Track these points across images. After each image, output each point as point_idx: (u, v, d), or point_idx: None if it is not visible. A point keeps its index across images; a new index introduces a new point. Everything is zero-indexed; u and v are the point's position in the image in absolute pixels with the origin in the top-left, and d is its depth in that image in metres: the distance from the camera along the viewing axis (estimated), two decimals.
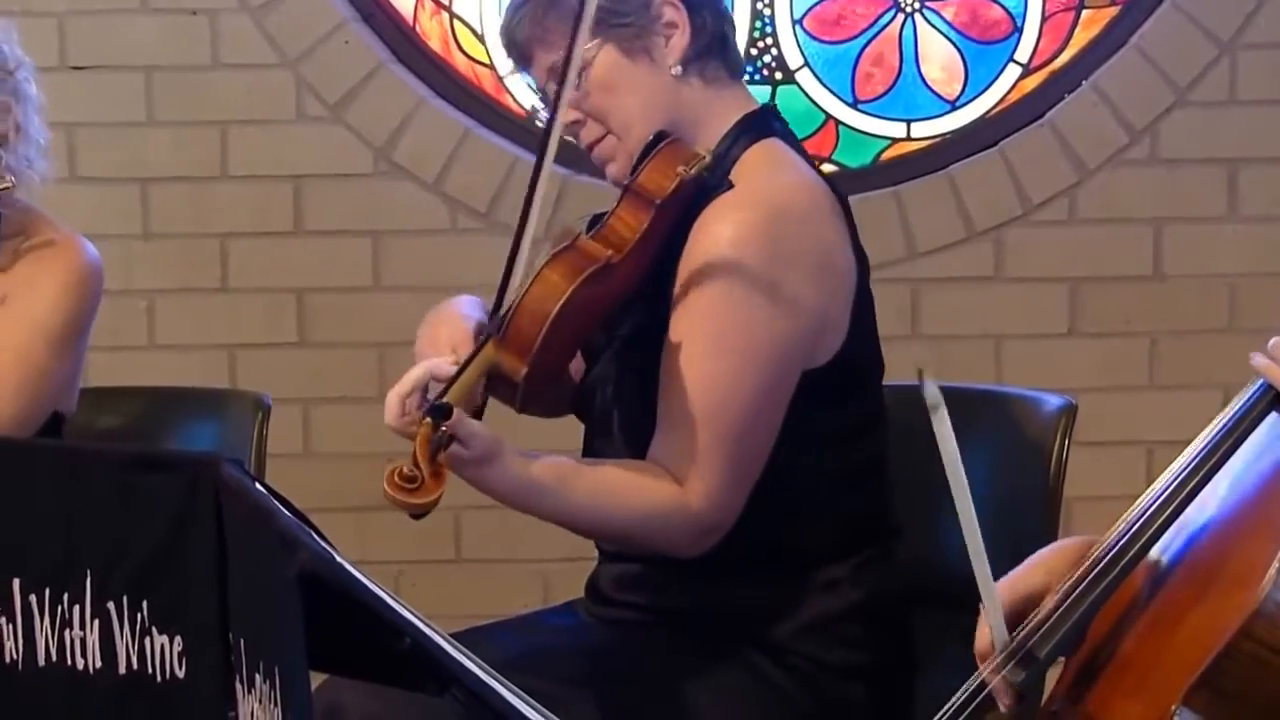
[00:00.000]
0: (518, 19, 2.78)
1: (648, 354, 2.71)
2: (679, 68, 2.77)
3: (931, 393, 2.12)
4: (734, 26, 2.87)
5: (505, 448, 2.52)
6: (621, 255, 2.59)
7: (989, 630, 2.28)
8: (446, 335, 2.60)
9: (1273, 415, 2.20)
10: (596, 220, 2.69)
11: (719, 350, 2.66)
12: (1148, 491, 2.20)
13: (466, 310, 2.64)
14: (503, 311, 2.53)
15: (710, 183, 2.68)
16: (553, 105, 2.60)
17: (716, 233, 2.67)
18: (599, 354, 2.66)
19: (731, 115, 2.81)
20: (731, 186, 2.70)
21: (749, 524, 2.69)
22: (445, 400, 2.42)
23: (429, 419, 2.40)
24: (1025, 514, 2.87)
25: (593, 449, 2.84)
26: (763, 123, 2.83)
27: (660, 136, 2.70)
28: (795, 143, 2.87)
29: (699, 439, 2.63)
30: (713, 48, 2.81)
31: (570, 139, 2.76)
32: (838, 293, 2.76)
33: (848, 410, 2.80)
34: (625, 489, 2.63)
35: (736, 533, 2.68)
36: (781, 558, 2.76)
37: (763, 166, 2.76)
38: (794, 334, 2.70)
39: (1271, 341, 2.13)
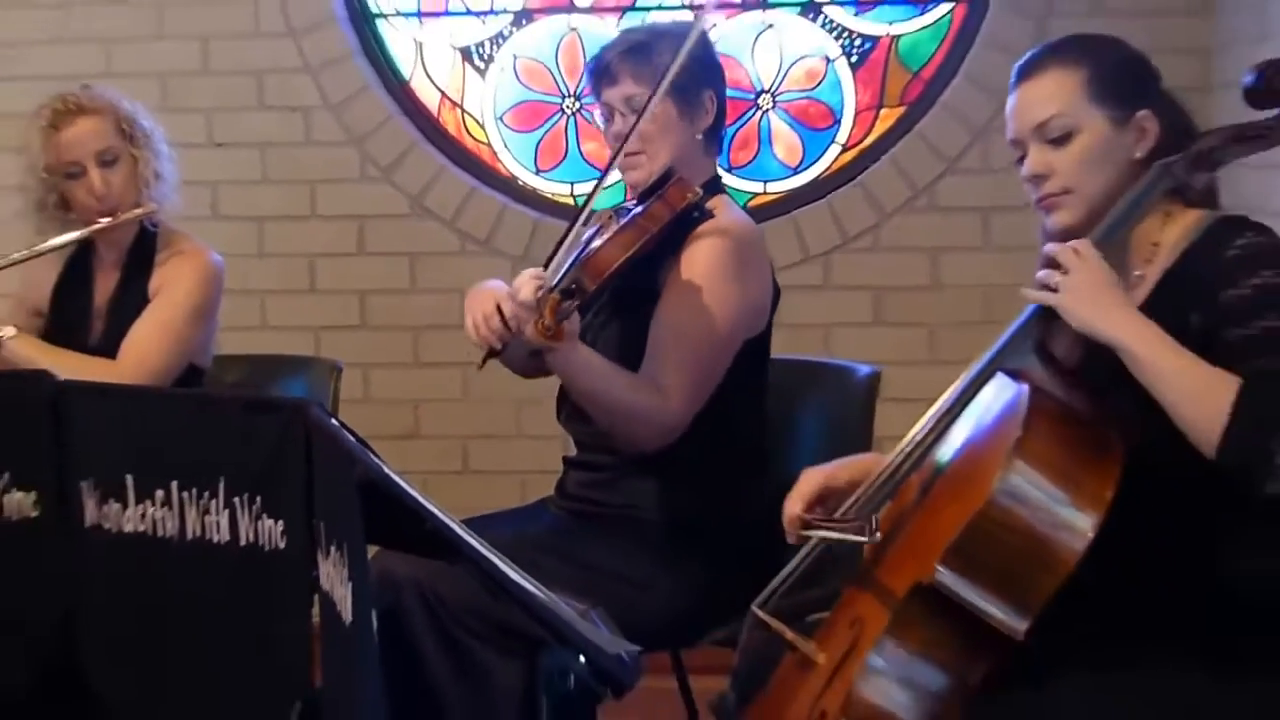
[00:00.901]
0: (619, 54, 2.76)
1: (633, 310, 2.74)
2: (700, 135, 2.79)
3: None
4: (725, 120, 2.88)
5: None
6: (654, 231, 2.58)
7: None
8: (490, 294, 2.56)
9: (999, 375, 2.15)
10: (626, 211, 2.70)
11: (700, 312, 2.67)
12: (922, 418, 2.19)
13: (494, 284, 2.62)
14: (588, 247, 2.57)
15: (701, 212, 2.68)
16: (635, 122, 2.67)
17: (708, 241, 2.71)
18: (588, 308, 2.66)
19: (709, 173, 2.85)
20: (712, 215, 2.70)
21: (686, 443, 2.68)
22: (566, 286, 2.47)
23: (557, 296, 2.43)
24: (847, 443, 2.87)
25: None
26: (718, 182, 2.88)
27: (670, 171, 2.68)
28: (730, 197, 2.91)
29: (677, 365, 2.65)
30: (717, 130, 2.86)
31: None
32: (766, 291, 2.81)
33: (757, 367, 2.81)
34: (632, 383, 2.64)
35: (676, 447, 2.67)
36: (700, 470, 2.72)
37: (726, 208, 2.80)
38: (746, 311, 2.75)
39: (1039, 274, 2.07)
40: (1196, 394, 1.94)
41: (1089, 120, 2.12)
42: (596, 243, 2.59)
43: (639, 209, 2.64)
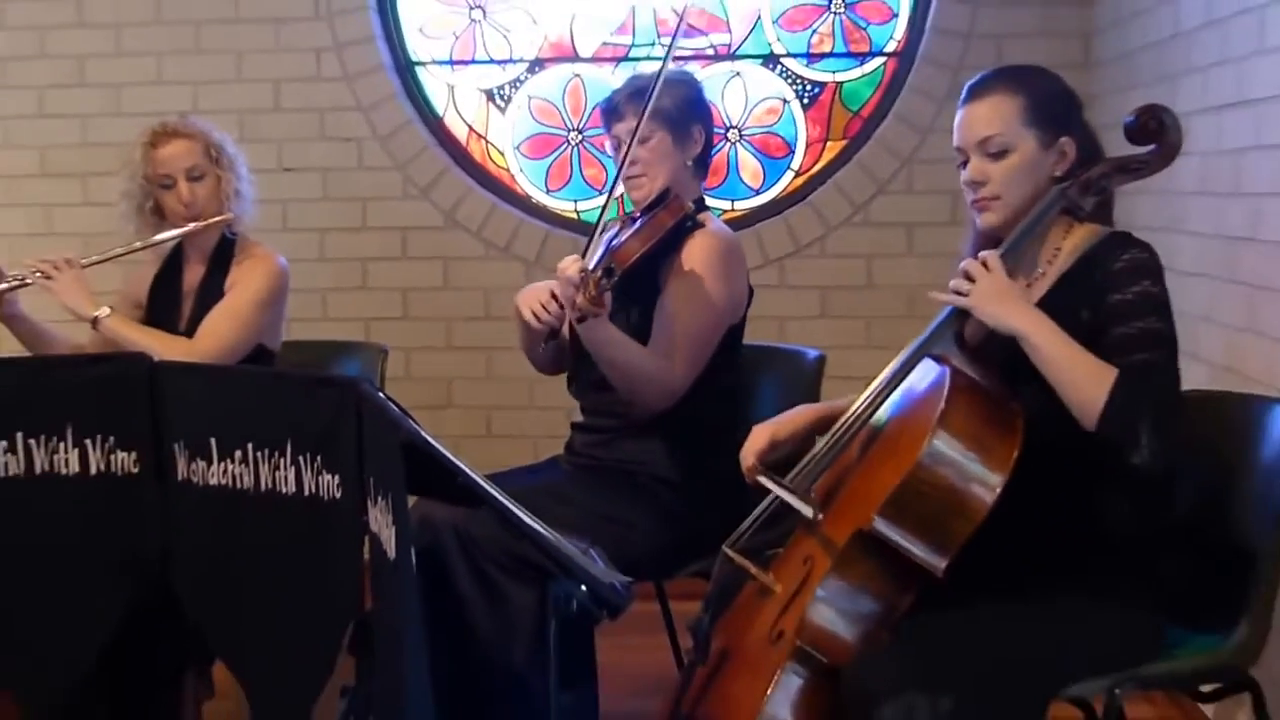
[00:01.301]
0: (625, 96, 2.78)
1: (640, 301, 2.72)
2: (689, 162, 2.80)
3: None
4: (710, 152, 2.87)
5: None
6: (662, 233, 2.66)
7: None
8: (539, 290, 2.67)
9: (926, 361, 2.14)
10: (633, 220, 2.75)
11: (695, 300, 2.69)
12: (868, 389, 2.18)
13: (538, 284, 2.69)
14: (614, 242, 2.68)
15: (689, 221, 2.72)
16: (623, 155, 2.72)
17: (700, 245, 2.73)
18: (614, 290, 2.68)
19: (697, 194, 2.86)
20: (702, 225, 2.76)
21: (675, 412, 2.69)
22: (610, 266, 2.45)
23: (602, 275, 2.42)
24: None
25: (582, 354, 2.79)
26: (704, 203, 2.87)
27: (667, 190, 2.73)
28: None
29: (678, 341, 2.67)
30: (705, 160, 2.86)
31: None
32: (744, 288, 2.82)
33: (732, 352, 2.82)
34: (644, 352, 2.65)
35: (666, 415, 2.69)
36: (681, 433, 2.71)
37: (713, 221, 2.82)
38: (730, 303, 2.77)
39: (951, 283, 2.09)
40: (1081, 379, 1.96)
41: (1022, 141, 2.13)
42: (619, 239, 2.67)
43: (647, 216, 2.71)
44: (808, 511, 2.13)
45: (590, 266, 2.48)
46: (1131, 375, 1.93)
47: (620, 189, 2.78)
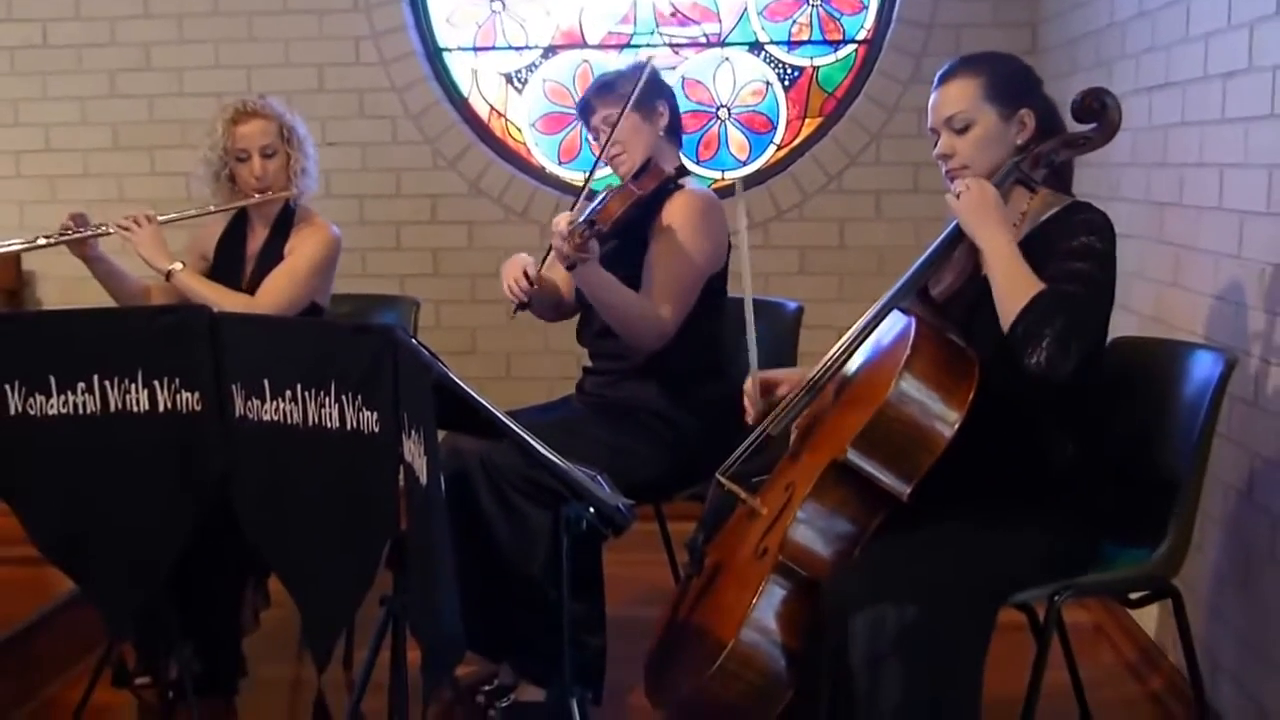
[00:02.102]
0: (594, 92, 2.75)
1: (630, 255, 2.68)
2: (662, 133, 2.75)
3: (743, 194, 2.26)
4: (681, 121, 2.83)
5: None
6: (643, 193, 2.63)
7: (751, 397, 2.26)
8: (517, 262, 2.64)
9: (894, 313, 2.11)
10: (622, 187, 2.69)
11: (679, 250, 2.65)
12: (837, 343, 2.14)
13: (519, 255, 2.64)
14: (599, 202, 2.62)
15: (673, 185, 2.70)
16: (605, 139, 2.70)
17: (680, 203, 2.69)
18: (603, 241, 2.62)
19: (675, 160, 2.81)
20: (681, 188, 2.72)
21: (668, 355, 2.66)
22: (592, 219, 2.44)
23: (588, 225, 2.40)
24: (779, 357, 2.83)
25: (582, 304, 2.79)
26: (685, 170, 2.82)
27: (649, 161, 2.69)
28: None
29: (665, 286, 2.63)
30: (675, 128, 2.80)
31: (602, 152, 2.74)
32: (724, 242, 2.75)
33: (715, 299, 2.75)
34: (636, 296, 2.61)
35: (662, 358, 2.66)
36: (674, 375, 2.69)
37: (692, 183, 2.78)
38: (710, 255, 2.70)
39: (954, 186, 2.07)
40: (1015, 286, 1.95)
41: (983, 115, 2.10)
42: (604, 201, 2.63)
43: (632, 181, 2.67)
44: (757, 505, 2.12)
45: (578, 219, 2.45)
46: (1053, 294, 1.92)
47: (605, 170, 2.75)
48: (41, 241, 2.84)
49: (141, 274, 2.95)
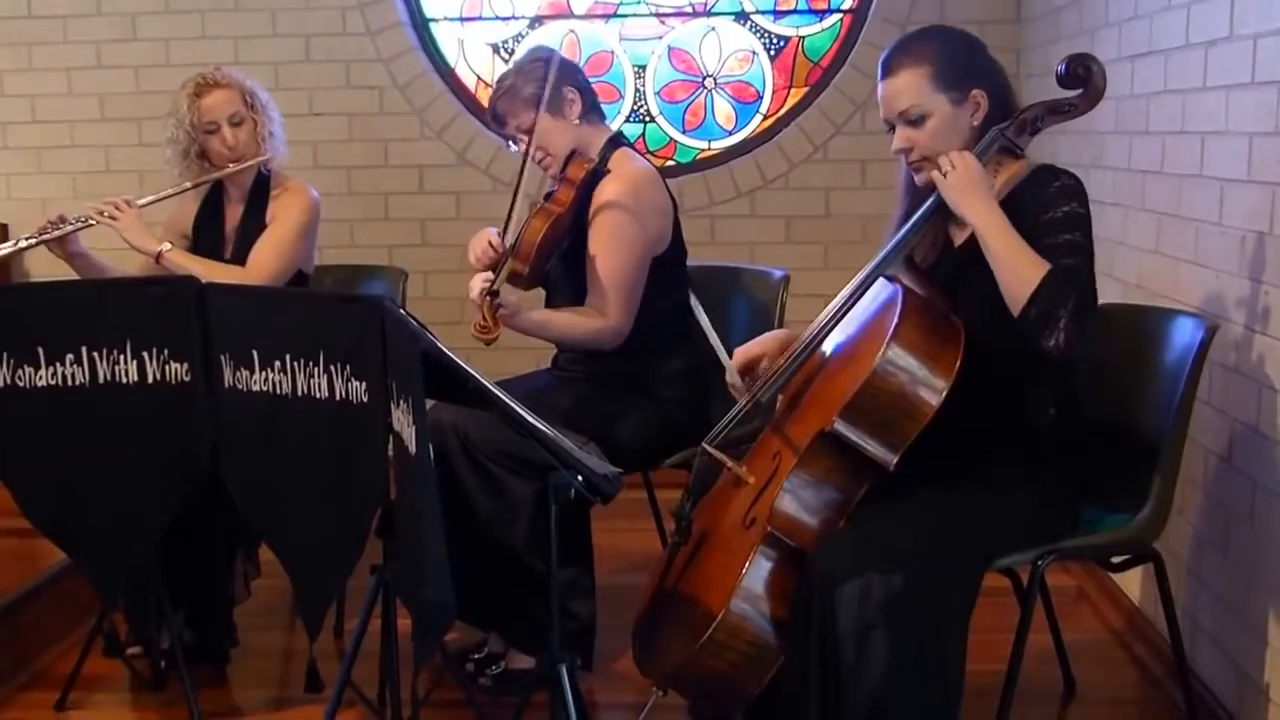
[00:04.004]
0: (497, 99, 2.65)
1: (575, 261, 2.64)
2: (578, 119, 2.67)
3: (692, 302, 2.18)
4: (595, 94, 2.72)
5: (522, 309, 2.47)
6: (563, 210, 2.55)
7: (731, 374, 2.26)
8: (485, 237, 2.55)
9: (880, 281, 2.10)
10: (549, 196, 2.62)
11: (614, 249, 2.58)
12: (827, 308, 2.13)
13: (490, 230, 2.56)
14: (510, 242, 2.47)
15: (599, 172, 2.62)
16: (526, 149, 2.58)
17: (607, 192, 2.60)
18: (549, 257, 2.60)
19: (603, 137, 2.71)
20: (609, 172, 2.63)
21: (638, 330, 2.63)
22: (496, 289, 2.39)
23: (489, 298, 2.38)
24: (767, 323, 2.83)
25: (550, 303, 2.75)
26: (616, 140, 2.74)
27: (572, 153, 2.62)
28: (633, 147, 2.76)
29: (607, 292, 2.58)
30: (591, 106, 2.70)
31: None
32: (665, 220, 2.68)
33: (670, 273, 2.71)
34: (574, 321, 2.59)
35: (632, 340, 2.63)
36: (644, 352, 2.66)
37: (623, 160, 2.67)
38: (647, 239, 2.64)
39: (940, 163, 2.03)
40: (1021, 267, 1.92)
41: (935, 105, 2.06)
42: (524, 227, 2.51)
43: (554, 186, 2.61)
44: (742, 474, 2.10)
45: (491, 278, 2.40)
46: (1060, 272, 1.90)
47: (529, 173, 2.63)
48: (24, 244, 2.77)
49: (120, 264, 2.92)
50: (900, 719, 1.86)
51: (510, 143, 2.74)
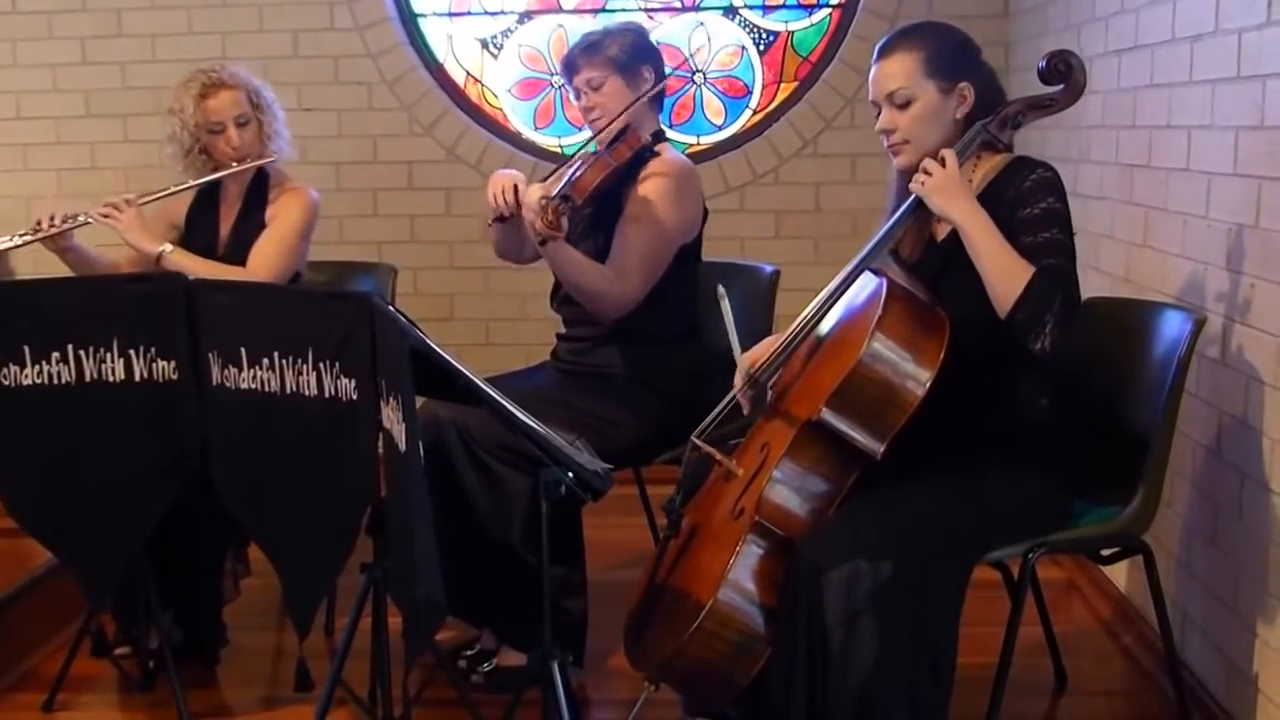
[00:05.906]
0: (579, 51, 2.71)
1: (605, 222, 2.67)
2: (646, 99, 2.71)
3: (720, 292, 2.20)
4: (665, 88, 2.81)
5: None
6: (620, 164, 2.60)
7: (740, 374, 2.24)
8: (509, 176, 2.53)
9: (866, 274, 2.13)
10: (595, 155, 2.64)
11: (649, 223, 2.63)
12: (814, 301, 2.15)
13: (512, 171, 2.57)
14: (574, 174, 2.55)
15: (647, 150, 2.67)
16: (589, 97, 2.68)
17: (655, 168, 2.68)
18: (577, 214, 2.61)
19: (653, 126, 2.77)
20: (657, 155, 2.70)
21: (642, 320, 2.66)
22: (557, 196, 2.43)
23: (561, 201, 2.40)
24: (757, 318, 2.85)
25: None
26: (662, 133, 2.78)
27: (626, 126, 2.67)
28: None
29: (632, 258, 2.62)
30: (658, 95, 2.78)
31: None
32: (698, 214, 2.75)
33: (686, 269, 2.75)
34: (601, 272, 2.59)
35: (637, 323, 2.66)
36: (649, 341, 2.69)
37: (669, 151, 2.75)
38: (681, 223, 2.69)
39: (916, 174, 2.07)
40: (1007, 269, 1.94)
41: (923, 91, 2.10)
42: (579, 172, 2.57)
43: (606, 151, 2.64)
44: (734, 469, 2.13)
45: (551, 194, 2.43)
46: (1046, 273, 1.93)
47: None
48: (18, 240, 2.77)
49: (106, 252, 2.91)
50: (887, 707, 1.87)
51: (573, 95, 2.77)
